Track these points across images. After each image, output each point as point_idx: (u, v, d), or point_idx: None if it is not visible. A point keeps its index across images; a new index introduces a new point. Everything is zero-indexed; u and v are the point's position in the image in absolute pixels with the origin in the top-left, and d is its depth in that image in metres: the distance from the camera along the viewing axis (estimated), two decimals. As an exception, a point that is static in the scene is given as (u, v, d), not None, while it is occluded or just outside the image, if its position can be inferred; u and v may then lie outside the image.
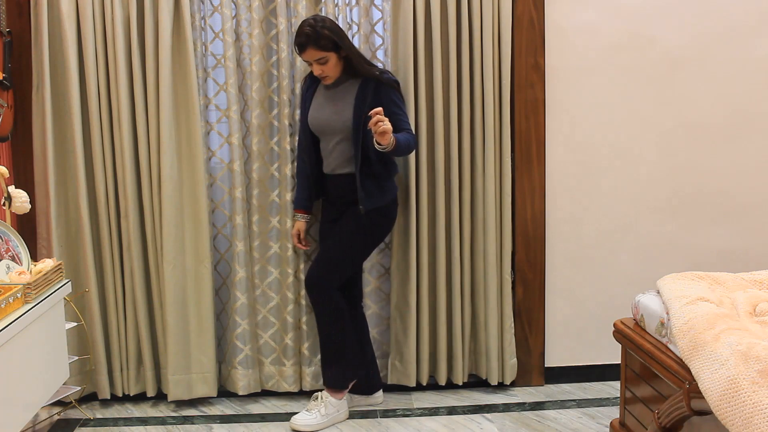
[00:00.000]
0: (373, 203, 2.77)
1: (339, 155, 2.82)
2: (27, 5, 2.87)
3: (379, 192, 2.79)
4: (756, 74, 3.15)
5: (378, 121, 2.53)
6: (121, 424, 2.93)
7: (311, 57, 2.70)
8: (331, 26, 2.70)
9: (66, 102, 2.89)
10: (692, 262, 3.12)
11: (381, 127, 2.53)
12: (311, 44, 2.66)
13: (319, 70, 2.73)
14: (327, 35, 2.66)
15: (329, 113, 2.80)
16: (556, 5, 3.05)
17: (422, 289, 3.07)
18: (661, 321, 2.23)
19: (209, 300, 3.03)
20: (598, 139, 3.15)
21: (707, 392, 1.82)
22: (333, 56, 2.70)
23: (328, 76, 2.76)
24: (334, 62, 2.72)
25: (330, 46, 2.68)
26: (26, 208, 2.68)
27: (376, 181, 2.79)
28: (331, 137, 2.82)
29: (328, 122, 2.80)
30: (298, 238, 2.99)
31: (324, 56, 2.69)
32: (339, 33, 2.71)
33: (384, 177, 2.81)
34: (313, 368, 3.12)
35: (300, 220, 2.97)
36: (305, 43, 2.67)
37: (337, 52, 2.71)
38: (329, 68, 2.72)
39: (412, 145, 2.77)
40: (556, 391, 3.18)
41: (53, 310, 2.54)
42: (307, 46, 2.67)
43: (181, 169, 2.97)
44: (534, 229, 3.14)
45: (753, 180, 3.22)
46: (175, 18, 2.87)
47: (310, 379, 3.12)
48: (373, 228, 2.85)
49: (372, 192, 2.77)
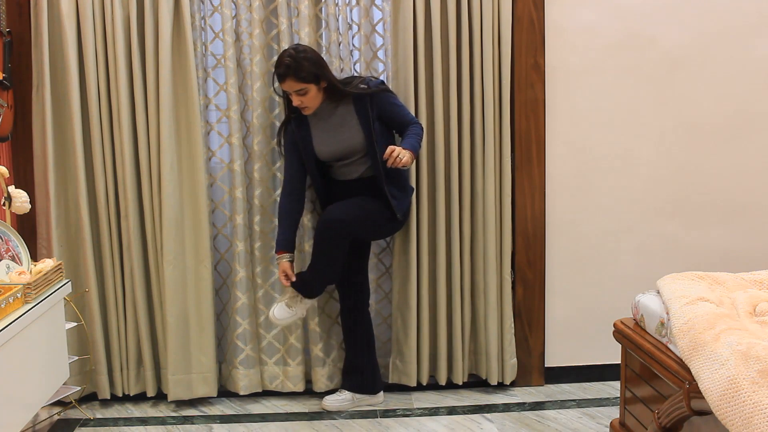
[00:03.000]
0: (404, 204, 2.86)
1: (355, 169, 2.86)
2: (27, 5, 2.87)
3: (401, 193, 2.86)
4: (756, 74, 3.15)
5: (395, 159, 2.60)
6: (121, 424, 2.93)
7: (291, 88, 2.69)
8: (312, 56, 2.68)
9: (66, 102, 2.89)
10: (692, 262, 3.12)
11: (400, 161, 2.61)
12: (291, 75, 2.65)
13: (298, 101, 2.71)
14: (307, 67, 2.64)
15: (341, 140, 2.80)
16: (556, 5, 3.05)
17: (422, 288, 3.07)
18: (661, 321, 2.23)
19: (209, 300, 3.03)
20: (598, 139, 3.15)
21: (707, 392, 1.82)
22: (313, 88, 2.69)
23: (307, 107, 2.74)
24: (313, 94, 2.71)
25: (310, 78, 2.66)
26: (26, 208, 2.68)
27: (398, 183, 2.85)
28: (347, 159, 2.84)
29: (342, 149, 2.81)
30: (286, 276, 2.85)
31: (304, 87, 2.67)
32: (319, 63, 2.69)
33: (405, 178, 2.91)
34: (327, 369, 3.12)
35: (285, 261, 2.85)
36: (284, 74, 2.66)
37: (317, 83, 2.70)
38: (309, 99, 2.71)
39: (421, 136, 2.81)
40: (556, 391, 3.19)
41: (53, 310, 2.54)
42: (287, 77, 2.66)
43: (181, 169, 2.97)
44: (534, 229, 3.14)
45: (753, 180, 3.22)
46: (175, 18, 2.87)
47: (326, 380, 3.12)
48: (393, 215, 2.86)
49: (398, 195, 2.83)
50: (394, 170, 2.76)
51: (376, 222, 2.85)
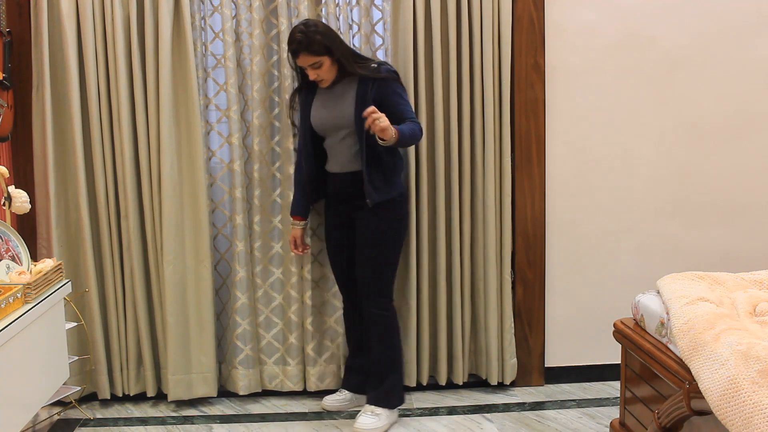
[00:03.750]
0: (381, 196, 2.75)
1: (346, 151, 2.80)
2: (27, 5, 2.87)
3: (386, 186, 2.78)
4: (756, 74, 3.15)
5: (373, 120, 2.52)
6: (121, 424, 2.93)
7: (305, 62, 2.70)
8: (323, 30, 2.69)
9: (66, 102, 2.89)
10: (692, 262, 3.12)
11: (378, 125, 2.52)
12: (303, 50, 2.66)
13: (314, 74, 2.73)
14: (319, 40, 2.65)
15: (331, 111, 2.79)
16: (556, 5, 3.05)
17: (422, 289, 3.07)
18: (661, 321, 2.23)
19: (209, 300, 3.03)
20: (598, 139, 3.15)
21: (707, 392, 1.82)
22: (326, 60, 2.70)
23: (324, 80, 2.76)
24: (327, 66, 2.71)
25: (322, 51, 2.67)
26: (26, 208, 2.68)
27: (383, 175, 2.77)
28: (335, 134, 2.81)
29: (331, 119, 2.79)
30: (295, 244, 2.97)
31: (317, 61, 2.69)
32: (331, 36, 2.70)
33: (391, 171, 2.80)
34: (318, 368, 3.12)
35: (297, 227, 2.95)
36: (297, 50, 2.68)
37: (330, 55, 2.70)
38: (324, 72, 2.72)
39: (417, 134, 2.73)
40: (556, 391, 3.19)
41: (53, 310, 2.54)
42: (300, 52, 2.68)
43: (181, 169, 2.97)
44: (534, 229, 3.14)
45: (753, 180, 3.22)
46: (175, 18, 2.87)
47: (315, 380, 3.12)
48: (387, 224, 2.82)
49: (379, 185, 2.75)
50: (384, 160, 2.73)
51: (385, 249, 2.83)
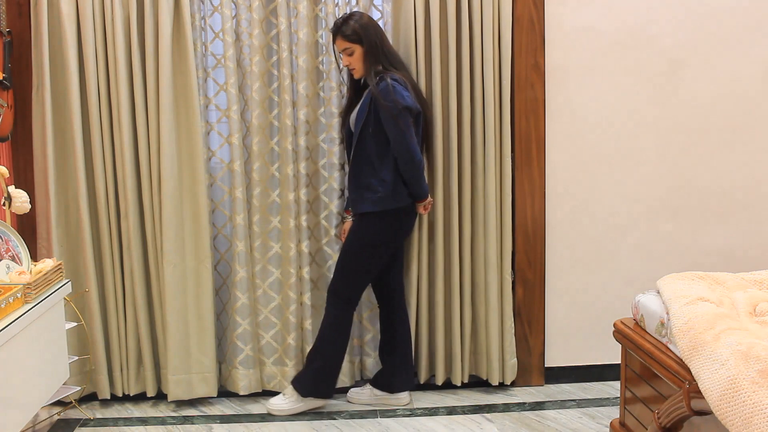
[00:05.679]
0: (356, 208, 2.86)
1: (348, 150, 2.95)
2: (27, 5, 2.87)
3: (359, 200, 2.82)
4: (756, 74, 3.15)
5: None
6: (121, 424, 2.93)
7: (339, 47, 2.82)
8: (362, 21, 2.79)
9: (66, 102, 2.89)
10: (692, 262, 3.12)
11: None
12: (339, 34, 2.79)
13: (347, 60, 2.82)
14: (352, 26, 2.76)
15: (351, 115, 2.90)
16: (556, 5, 3.05)
17: (422, 288, 3.07)
18: (661, 321, 2.23)
19: (209, 300, 3.03)
20: (598, 139, 3.15)
21: (707, 392, 1.82)
22: (358, 49, 2.78)
23: (355, 69, 2.83)
24: (358, 55, 2.79)
25: (354, 38, 2.77)
26: (26, 208, 2.68)
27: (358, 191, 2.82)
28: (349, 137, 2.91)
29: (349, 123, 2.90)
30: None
31: (349, 47, 2.78)
32: (366, 29, 2.78)
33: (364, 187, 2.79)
34: None
35: (348, 220, 3.04)
36: (334, 33, 2.81)
37: (362, 45, 2.78)
38: (354, 60, 2.80)
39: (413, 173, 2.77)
40: (556, 391, 3.19)
41: (53, 310, 2.54)
42: (336, 35, 2.81)
43: (181, 169, 2.97)
44: (534, 229, 3.14)
45: (753, 180, 3.22)
46: (175, 18, 2.87)
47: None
48: (357, 236, 2.86)
49: (354, 197, 2.86)
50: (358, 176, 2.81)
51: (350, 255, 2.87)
